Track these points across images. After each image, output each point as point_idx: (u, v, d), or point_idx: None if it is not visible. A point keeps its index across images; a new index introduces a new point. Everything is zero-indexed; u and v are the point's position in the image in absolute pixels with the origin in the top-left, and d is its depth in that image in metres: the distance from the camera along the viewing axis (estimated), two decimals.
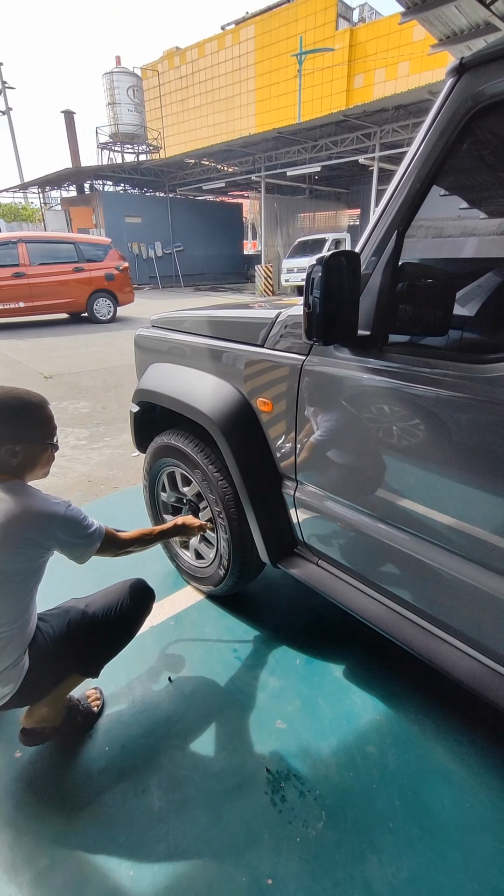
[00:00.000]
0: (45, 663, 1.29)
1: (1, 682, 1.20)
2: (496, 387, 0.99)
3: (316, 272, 1.04)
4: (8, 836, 1.22)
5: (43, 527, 1.16)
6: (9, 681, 1.22)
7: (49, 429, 1.25)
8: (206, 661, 1.75)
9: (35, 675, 1.26)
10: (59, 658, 1.32)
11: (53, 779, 1.35)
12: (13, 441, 1.17)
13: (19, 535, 1.13)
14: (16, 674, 1.22)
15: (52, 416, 1.27)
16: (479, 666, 1.19)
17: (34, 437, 1.21)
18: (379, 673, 1.68)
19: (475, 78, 0.94)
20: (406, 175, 1.08)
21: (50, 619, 1.35)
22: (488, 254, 1.96)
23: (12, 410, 1.17)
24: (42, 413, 1.23)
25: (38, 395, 1.25)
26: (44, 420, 1.23)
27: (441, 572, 1.18)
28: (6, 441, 1.16)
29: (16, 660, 1.21)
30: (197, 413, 1.66)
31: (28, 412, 1.20)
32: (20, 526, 1.13)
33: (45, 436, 1.24)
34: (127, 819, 1.25)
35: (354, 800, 1.29)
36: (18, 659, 1.22)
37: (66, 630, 1.33)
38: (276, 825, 1.23)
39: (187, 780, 1.34)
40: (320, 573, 1.57)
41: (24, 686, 1.25)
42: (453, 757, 1.39)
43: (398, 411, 1.18)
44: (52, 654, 1.29)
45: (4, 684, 1.21)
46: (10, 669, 1.21)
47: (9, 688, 1.22)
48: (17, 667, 1.22)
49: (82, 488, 3.12)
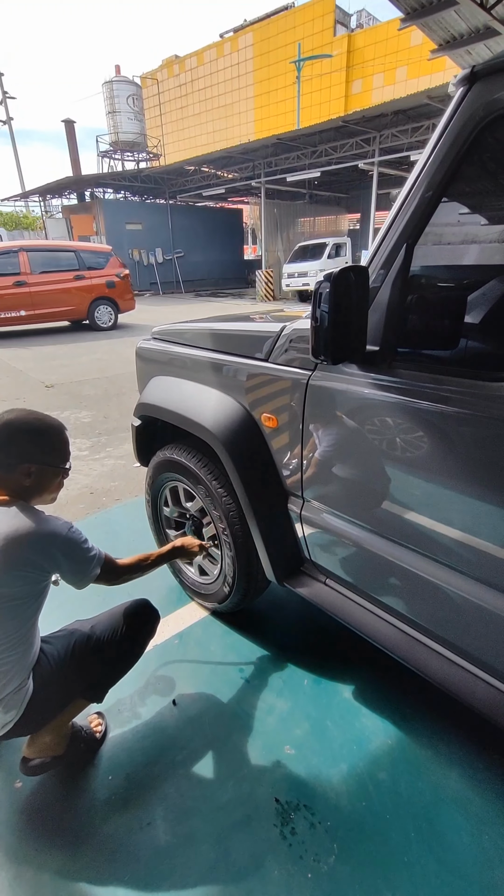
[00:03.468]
0: (50, 688, 1.25)
1: (4, 709, 1.17)
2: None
3: (324, 288, 1.01)
4: (10, 871, 1.18)
5: (44, 548, 1.13)
6: (12, 706, 1.18)
7: (64, 454, 1.26)
8: (212, 681, 1.71)
9: (39, 700, 1.23)
10: (64, 682, 1.29)
11: (56, 811, 1.31)
12: (29, 461, 1.18)
13: (21, 556, 1.10)
14: (19, 699, 1.19)
15: (68, 441, 1.28)
16: (495, 692, 1.14)
17: (50, 461, 1.22)
18: (389, 694, 1.63)
19: (487, 87, 0.90)
20: (416, 186, 1.04)
21: (54, 641, 1.32)
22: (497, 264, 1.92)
23: (35, 432, 1.19)
24: (60, 437, 1.24)
25: (58, 420, 1.27)
26: (61, 444, 1.25)
27: (453, 594, 1.14)
28: (23, 460, 1.17)
29: (19, 685, 1.18)
30: (200, 428, 1.62)
31: (48, 435, 1.22)
32: (21, 547, 1.10)
33: (60, 460, 1.24)
34: (132, 854, 1.20)
35: (367, 831, 1.24)
36: (22, 684, 1.19)
37: (71, 653, 1.30)
38: (287, 859, 1.19)
39: (194, 811, 1.29)
40: (328, 592, 1.53)
41: (28, 712, 1.21)
42: (469, 784, 1.34)
43: (407, 428, 1.14)
44: (56, 677, 1.26)
45: (7, 710, 1.17)
46: (13, 695, 1.17)
47: (11, 714, 1.19)
48: (20, 692, 1.19)
49: (84, 500, 3.08)
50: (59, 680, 1.27)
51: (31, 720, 1.24)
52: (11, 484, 1.17)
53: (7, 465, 1.16)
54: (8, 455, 1.16)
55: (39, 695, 1.23)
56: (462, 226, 1.79)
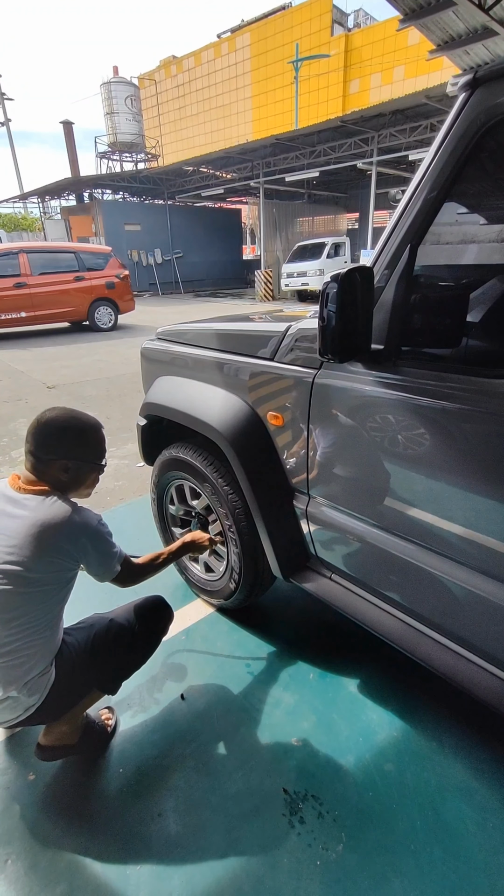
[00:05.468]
0: (70, 677, 1.29)
1: (28, 692, 1.21)
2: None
3: (331, 289, 1.03)
4: (26, 861, 1.20)
5: (75, 536, 1.19)
6: (36, 690, 1.22)
7: (101, 451, 1.32)
8: (219, 676, 1.73)
9: (59, 688, 1.27)
10: (83, 672, 1.32)
11: (69, 803, 1.33)
12: (68, 458, 1.23)
13: (52, 543, 1.15)
14: (43, 683, 1.23)
15: (104, 439, 1.34)
16: (500, 683, 1.17)
17: (88, 457, 1.28)
18: (394, 687, 1.66)
19: (489, 92, 0.93)
20: (419, 189, 1.07)
21: (74, 633, 1.37)
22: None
23: (76, 430, 1.25)
24: (98, 435, 1.31)
25: (95, 418, 1.33)
26: (99, 442, 1.31)
27: (458, 587, 1.17)
28: (62, 457, 1.23)
29: (43, 669, 1.23)
30: (206, 427, 1.64)
31: (89, 433, 1.28)
32: (54, 534, 1.15)
33: (97, 457, 1.31)
34: (144, 845, 1.22)
35: (374, 820, 1.27)
36: (46, 669, 1.23)
37: (91, 644, 1.34)
38: (296, 848, 1.21)
39: (204, 802, 1.31)
40: (334, 587, 1.56)
41: (49, 698, 1.25)
42: (474, 774, 1.37)
43: (412, 426, 1.17)
44: (76, 667, 1.30)
45: (31, 693, 1.21)
46: (38, 678, 1.22)
47: (34, 698, 1.23)
48: (44, 676, 1.23)
49: (89, 500, 3.10)
50: (78, 670, 1.31)
51: (51, 707, 1.28)
52: (49, 478, 1.23)
53: (46, 460, 1.22)
54: (47, 451, 1.21)
55: (60, 683, 1.27)
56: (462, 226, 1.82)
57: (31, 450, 1.22)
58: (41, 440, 1.21)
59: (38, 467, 1.22)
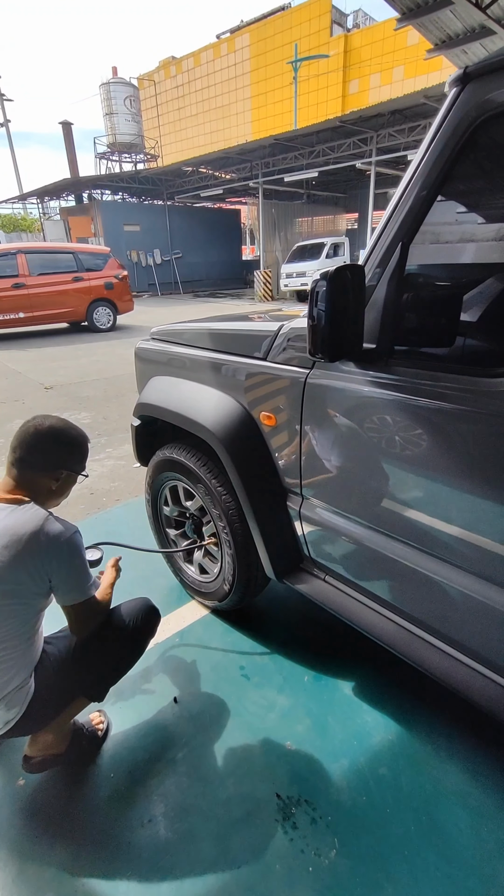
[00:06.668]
0: (51, 686, 1.26)
1: (6, 706, 1.18)
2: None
3: (320, 287, 1.02)
4: (13, 868, 1.18)
5: (50, 545, 1.14)
6: (14, 704, 1.19)
7: (84, 462, 1.34)
8: (213, 679, 1.72)
9: (40, 699, 1.24)
10: (65, 681, 1.29)
11: (58, 808, 1.32)
12: (64, 467, 1.25)
13: (26, 554, 1.11)
14: (21, 697, 1.20)
15: (88, 451, 1.36)
16: (494, 686, 1.15)
17: (76, 468, 1.30)
18: (389, 690, 1.64)
19: (480, 87, 0.92)
20: (410, 186, 1.05)
21: (55, 641, 1.33)
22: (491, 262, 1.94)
23: (70, 441, 1.27)
24: (85, 447, 1.33)
25: (82, 430, 1.34)
26: (86, 453, 1.34)
27: (452, 589, 1.15)
28: (58, 466, 1.24)
29: (21, 683, 1.19)
30: (199, 427, 1.63)
31: (82, 444, 1.31)
32: (29, 544, 1.11)
33: (83, 468, 1.33)
34: (133, 851, 1.21)
35: (368, 825, 1.25)
36: (24, 682, 1.20)
37: (73, 651, 1.31)
38: (288, 854, 1.19)
39: (195, 808, 1.30)
40: (327, 589, 1.54)
41: (30, 710, 1.22)
42: (468, 778, 1.35)
43: (405, 425, 1.15)
44: (57, 677, 1.27)
45: (9, 708, 1.18)
46: (15, 692, 1.18)
47: (13, 712, 1.20)
48: (22, 689, 1.20)
49: (85, 501, 3.09)
50: (60, 679, 1.28)
51: (33, 719, 1.25)
52: (36, 486, 1.21)
53: (42, 467, 1.21)
54: (45, 458, 1.22)
55: (41, 694, 1.24)
56: (458, 224, 1.80)
57: (23, 457, 1.19)
58: (39, 448, 1.20)
59: (27, 475, 1.20)
